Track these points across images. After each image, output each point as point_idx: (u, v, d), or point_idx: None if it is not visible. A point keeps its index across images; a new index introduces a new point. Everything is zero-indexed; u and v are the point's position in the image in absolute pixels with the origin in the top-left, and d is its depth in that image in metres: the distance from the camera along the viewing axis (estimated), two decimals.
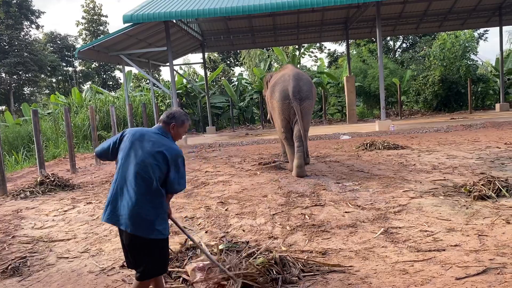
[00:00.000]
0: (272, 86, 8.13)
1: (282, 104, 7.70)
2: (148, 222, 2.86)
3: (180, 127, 3.21)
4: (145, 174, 2.89)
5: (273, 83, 8.17)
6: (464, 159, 8.18)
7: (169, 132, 3.18)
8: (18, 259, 4.42)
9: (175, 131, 3.19)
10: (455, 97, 20.69)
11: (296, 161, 7.44)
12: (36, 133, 9.31)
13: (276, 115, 8.01)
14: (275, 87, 7.99)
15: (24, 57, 32.51)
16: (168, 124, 3.17)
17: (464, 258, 3.68)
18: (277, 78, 8.20)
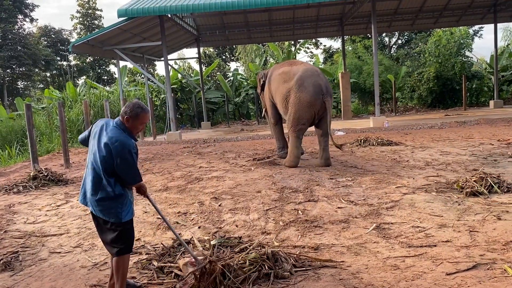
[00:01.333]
0: (299, 80, 7.67)
1: (315, 99, 7.60)
2: (105, 207, 3.12)
3: (135, 120, 3.18)
4: (95, 164, 3.12)
5: (299, 78, 7.69)
6: (458, 156, 8.22)
7: (126, 125, 3.18)
8: (10, 254, 4.41)
9: (130, 124, 3.17)
10: (450, 94, 20.77)
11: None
12: (30, 128, 9.26)
13: (298, 107, 7.68)
14: (304, 81, 7.64)
15: (18, 51, 32.28)
16: (123, 117, 3.19)
17: (455, 254, 3.71)
18: (302, 73, 7.77)
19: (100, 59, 38.12)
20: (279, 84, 8.10)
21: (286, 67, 8.28)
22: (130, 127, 3.18)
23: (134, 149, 3.15)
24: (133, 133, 3.20)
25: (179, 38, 19.96)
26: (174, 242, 4.20)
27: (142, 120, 3.20)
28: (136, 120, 3.17)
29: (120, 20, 14.07)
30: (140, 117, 3.18)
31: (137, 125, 3.20)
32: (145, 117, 3.22)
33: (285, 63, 8.73)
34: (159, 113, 21.70)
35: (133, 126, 3.18)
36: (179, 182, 7.34)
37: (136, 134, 3.27)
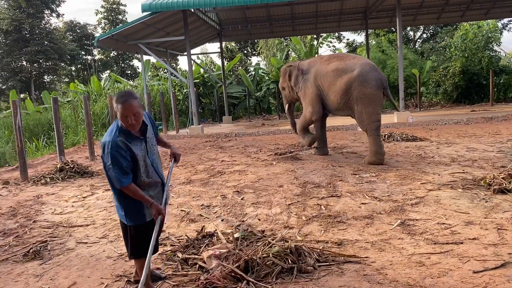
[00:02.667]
0: (362, 75, 7.52)
1: (380, 93, 7.67)
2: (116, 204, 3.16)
3: (118, 112, 2.90)
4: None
5: (360, 73, 7.52)
6: (484, 152, 8.04)
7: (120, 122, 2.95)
8: (39, 243, 4.53)
9: (119, 117, 2.93)
10: (476, 89, 20.29)
11: (382, 149, 7.65)
12: (56, 121, 9.46)
13: (368, 103, 7.56)
14: (367, 76, 7.54)
15: (44, 46, 32.97)
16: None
17: (482, 252, 3.64)
18: (362, 68, 7.62)
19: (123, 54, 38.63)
20: (335, 79, 7.75)
21: (337, 62, 7.92)
22: (120, 119, 2.93)
23: (111, 148, 2.84)
24: (126, 127, 2.93)
25: (202, 32, 20.04)
26: (198, 235, 4.24)
27: (121, 113, 2.88)
28: (118, 112, 2.90)
29: (144, 15, 14.22)
30: (119, 110, 2.88)
31: (121, 118, 2.91)
32: (122, 108, 2.87)
33: (330, 58, 8.26)
34: (181, 107, 21.88)
35: (120, 119, 2.92)
36: (202, 176, 7.40)
37: (130, 127, 2.94)
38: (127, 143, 2.90)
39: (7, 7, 34.43)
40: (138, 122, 2.95)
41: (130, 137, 2.94)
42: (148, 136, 3.08)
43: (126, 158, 2.87)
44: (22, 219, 5.52)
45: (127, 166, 2.89)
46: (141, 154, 3.00)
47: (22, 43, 33.03)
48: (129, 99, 2.90)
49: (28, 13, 33.73)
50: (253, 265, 3.40)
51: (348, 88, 7.60)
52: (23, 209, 5.97)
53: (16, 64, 33.64)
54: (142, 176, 3.02)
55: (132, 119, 2.90)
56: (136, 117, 2.92)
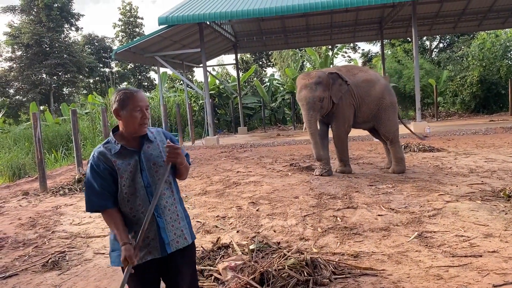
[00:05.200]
0: (388, 87, 8.05)
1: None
2: None
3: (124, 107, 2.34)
4: None
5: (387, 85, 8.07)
6: (504, 163, 7.90)
7: (119, 126, 2.44)
8: (58, 254, 4.60)
9: (123, 117, 2.35)
10: (495, 98, 19.98)
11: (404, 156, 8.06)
12: (75, 132, 9.63)
13: (394, 113, 8.02)
14: (391, 88, 8.16)
15: (63, 59, 33.67)
16: (114, 113, 2.39)
17: (503, 265, 3.57)
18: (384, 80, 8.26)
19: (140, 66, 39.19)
20: (369, 90, 7.77)
21: (362, 73, 8.04)
22: (125, 123, 2.35)
23: (89, 161, 2.35)
24: (133, 127, 2.35)
25: (218, 44, 20.24)
26: (214, 246, 4.25)
27: (134, 104, 2.32)
28: (126, 107, 2.33)
29: (160, 28, 14.44)
30: (127, 101, 2.33)
31: (131, 113, 2.33)
32: (135, 99, 2.34)
33: (350, 69, 8.23)
34: (197, 118, 22.04)
35: (127, 117, 2.34)
36: (217, 187, 7.42)
37: (139, 125, 2.36)
38: (109, 156, 2.32)
39: (28, 21, 35.33)
40: (147, 122, 2.40)
41: (115, 149, 2.35)
42: (151, 153, 2.40)
43: (101, 175, 2.31)
44: (41, 229, 5.61)
45: (103, 186, 2.31)
46: (126, 171, 2.33)
47: (42, 56, 33.79)
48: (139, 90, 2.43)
49: (48, 27, 34.54)
50: (269, 277, 3.39)
51: (380, 97, 7.78)
52: (42, 220, 6.07)
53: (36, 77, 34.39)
54: (122, 203, 2.35)
55: (146, 113, 2.37)
56: (148, 113, 2.40)
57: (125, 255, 2.22)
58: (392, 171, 7.77)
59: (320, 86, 7.48)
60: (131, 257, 2.23)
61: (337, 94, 7.56)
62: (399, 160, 7.75)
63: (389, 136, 7.85)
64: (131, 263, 2.23)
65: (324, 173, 7.68)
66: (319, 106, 7.49)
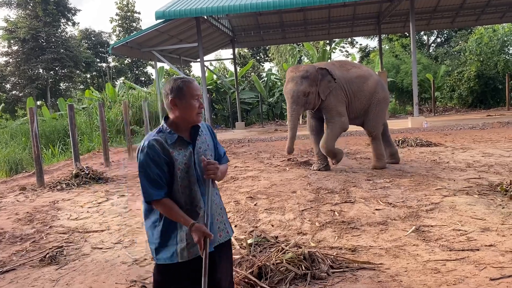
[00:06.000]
0: (380, 82, 7.91)
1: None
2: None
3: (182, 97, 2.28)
4: None
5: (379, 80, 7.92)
6: (501, 157, 7.92)
7: (172, 117, 2.35)
8: (55, 248, 4.58)
9: (180, 107, 2.29)
10: (492, 93, 20.03)
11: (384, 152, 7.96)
12: (72, 127, 9.60)
13: (384, 109, 8.04)
14: (383, 83, 8.02)
15: (60, 54, 33.49)
16: (168, 103, 2.31)
17: (500, 259, 3.58)
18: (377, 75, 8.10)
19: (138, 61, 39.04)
20: (361, 86, 7.68)
21: (355, 69, 7.94)
22: (183, 113, 2.29)
23: (142, 150, 2.24)
24: (190, 117, 2.30)
25: (215, 39, 20.18)
26: None
27: (191, 93, 2.27)
28: (183, 97, 2.27)
29: (157, 22, 14.38)
30: (186, 89, 2.27)
31: (189, 102, 2.27)
32: (192, 87, 2.29)
33: (344, 65, 8.09)
34: None
35: (186, 107, 2.28)
36: None
37: (196, 115, 2.31)
38: (166, 146, 2.24)
39: (25, 16, 35.12)
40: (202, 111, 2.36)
41: (171, 139, 2.26)
42: (200, 146, 2.35)
43: (158, 164, 2.22)
44: (39, 224, 5.60)
45: (159, 176, 2.22)
46: (182, 163, 2.27)
47: (39, 51, 33.61)
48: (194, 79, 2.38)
49: (44, 22, 34.34)
50: (267, 271, 3.40)
51: (373, 92, 7.71)
52: (39, 215, 6.06)
53: (32, 72, 34.22)
54: (178, 192, 2.28)
55: (201, 102, 2.34)
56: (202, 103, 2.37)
57: (201, 231, 2.15)
58: (373, 167, 7.74)
59: (306, 81, 7.29)
60: (206, 232, 2.16)
61: (325, 90, 7.37)
62: (380, 156, 7.75)
63: (374, 132, 7.80)
64: (209, 237, 2.17)
65: (321, 168, 7.69)
66: (304, 100, 7.31)
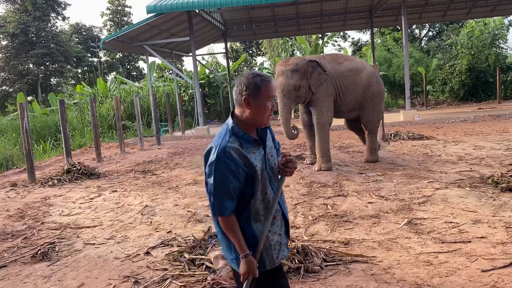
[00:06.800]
0: (375, 76, 7.78)
1: None
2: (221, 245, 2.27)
3: (258, 96, 2.06)
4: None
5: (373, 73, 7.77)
6: (492, 150, 7.98)
7: (236, 116, 2.12)
8: (47, 245, 4.55)
9: (253, 106, 2.07)
10: (483, 87, 20.16)
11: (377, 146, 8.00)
12: (63, 123, 9.51)
13: (381, 103, 7.91)
14: (378, 76, 7.94)
15: (50, 48, 33.13)
16: (241, 100, 2.08)
17: (491, 250, 3.61)
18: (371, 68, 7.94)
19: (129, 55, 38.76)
20: (354, 79, 7.52)
21: (347, 62, 7.79)
22: (255, 113, 2.08)
23: (218, 157, 1.99)
24: (261, 119, 2.10)
25: (207, 33, 20.06)
26: (205, 235, 4.24)
27: (268, 93, 2.07)
28: (260, 97, 2.05)
29: (149, 16, 14.26)
30: (263, 89, 2.06)
31: (264, 103, 2.06)
32: (269, 87, 2.07)
33: (335, 58, 7.92)
34: (187, 108, 21.91)
35: (259, 107, 2.07)
36: None
37: (267, 118, 2.11)
38: (243, 151, 2.03)
39: (14, 10, 34.67)
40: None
41: (247, 142, 2.08)
42: (268, 144, 2.20)
43: (236, 175, 2.01)
44: (30, 220, 5.56)
45: (235, 188, 2.02)
46: (260, 167, 2.08)
47: (29, 46, 33.23)
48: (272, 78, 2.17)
49: (34, 16, 33.91)
50: None
51: (367, 85, 7.57)
52: (31, 211, 6.01)
53: (22, 67, 33.85)
54: (258, 200, 2.10)
55: (274, 104, 2.13)
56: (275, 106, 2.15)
57: (248, 268, 2.01)
58: (365, 160, 7.76)
59: (297, 74, 7.12)
60: (255, 270, 2.02)
61: (316, 83, 7.22)
62: (373, 150, 7.77)
63: (370, 126, 7.71)
64: (254, 276, 2.03)
65: (314, 162, 7.68)
66: (295, 94, 7.17)
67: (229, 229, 2.05)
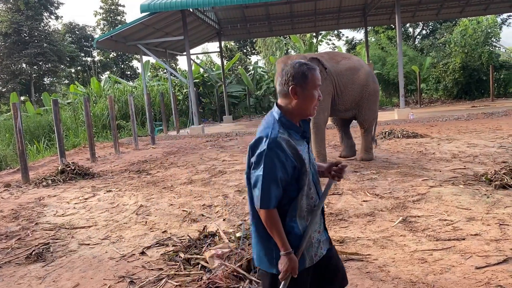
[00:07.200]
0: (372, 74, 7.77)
1: None
2: (255, 248, 2.12)
3: (305, 85, 1.99)
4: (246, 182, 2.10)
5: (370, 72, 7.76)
6: (485, 148, 8.03)
7: (283, 108, 2.05)
8: (42, 245, 4.53)
9: (300, 96, 2.00)
10: (477, 85, 20.27)
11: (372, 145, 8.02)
12: (57, 123, 9.46)
13: (377, 101, 7.99)
14: (374, 75, 7.95)
15: (44, 48, 32.92)
16: (287, 91, 2.01)
17: (485, 248, 3.64)
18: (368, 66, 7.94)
19: (123, 55, 38.61)
20: (352, 78, 7.50)
21: (345, 60, 7.74)
22: (302, 103, 2.00)
23: (269, 146, 1.91)
24: (308, 109, 2.03)
25: (201, 32, 20.02)
26: (200, 234, 4.24)
27: (315, 82, 2.00)
28: (307, 86, 1.99)
29: (142, 15, 14.21)
30: (310, 77, 1.99)
31: (311, 93, 2.00)
32: (316, 75, 2.01)
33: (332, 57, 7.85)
34: (182, 107, 21.87)
35: (307, 97, 2.00)
36: (203, 175, 7.40)
37: (313, 108, 2.04)
38: (293, 143, 1.97)
39: (6, 9, 34.42)
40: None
41: (296, 133, 2.02)
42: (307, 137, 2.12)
43: (285, 167, 1.93)
44: (24, 221, 5.53)
45: (282, 181, 1.94)
46: (307, 160, 2.03)
47: (22, 46, 33.00)
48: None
49: (27, 15, 33.69)
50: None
51: (364, 85, 7.59)
52: (25, 212, 5.98)
53: (15, 67, 33.62)
54: (304, 195, 2.02)
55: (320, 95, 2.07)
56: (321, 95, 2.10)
57: (290, 266, 1.93)
58: (360, 158, 7.81)
59: None
60: (296, 269, 1.95)
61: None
62: (368, 149, 7.82)
63: (366, 125, 7.78)
64: (294, 275, 1.96)
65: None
66: None
67: (273, 224, 1.94)
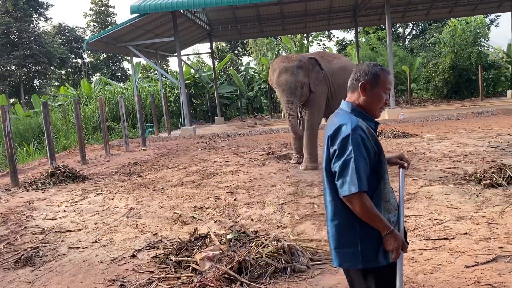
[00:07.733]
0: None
1: None
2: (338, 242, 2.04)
3: (376, 85, 2.09)
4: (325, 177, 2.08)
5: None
6: (475, 147, 8.10)
7: (352, 103, 2.12)
8: (31, 249, 4.49)
9: (369, 93, 2.09)
10: (466, 84, 20.44)
11: None
12: (47, 125, 9.38)
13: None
14: None
15: (33, 50, 32.64)
16: (357, 86, 2.11)
17: (474, 246, 3.67)
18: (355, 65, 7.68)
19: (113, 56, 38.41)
20: (345, 79, 7.26)
21: (337, 60, 7.65)
22: (369, 101, 2.09)
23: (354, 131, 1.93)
24: (373, 109, 2.10)
25: (192, 33, 19.98)
26: (191, 237, 4.22)
27: (385, 85, 2.10)
28: (377, 86, 2.08)
29: (133, 17, 14.14)
30: (382, 78, 2.09)
31: (379, 93, 2.09)
32: (388, 79, 2.12)
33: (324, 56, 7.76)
34: (173, 109, 21.79)
35: (374, 96, 2.08)
36: (194, 177, 7.38)
37: (379, 109, 2.13)
38: (371, 130, 2.03)
39: None
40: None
41: (371, 122, 2.11)
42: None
43: (368, 151, 1.95)
44: (13, 225, 5.47)
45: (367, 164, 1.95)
46: (382, 149, 2.06)
47: (10, 47, 32.68)
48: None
49: (15, 17, 33.37)
50: (247, 266, 3.40)
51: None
52: (14, 215, 5.91)
53: (4, 69, 33.30)
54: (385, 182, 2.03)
55: (388, 98, 2.16)
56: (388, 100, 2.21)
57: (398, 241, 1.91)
58: None
59: (302, 71, 6.90)
60: (404, 243, 1.93)
61: (314, 82, 7.05)
62: None
63: None
64: (405, 250, 1.95)
65: (301, 161, 7.68)
66: (300, 92, 6.89)
67: (369, 207, 1.89)
